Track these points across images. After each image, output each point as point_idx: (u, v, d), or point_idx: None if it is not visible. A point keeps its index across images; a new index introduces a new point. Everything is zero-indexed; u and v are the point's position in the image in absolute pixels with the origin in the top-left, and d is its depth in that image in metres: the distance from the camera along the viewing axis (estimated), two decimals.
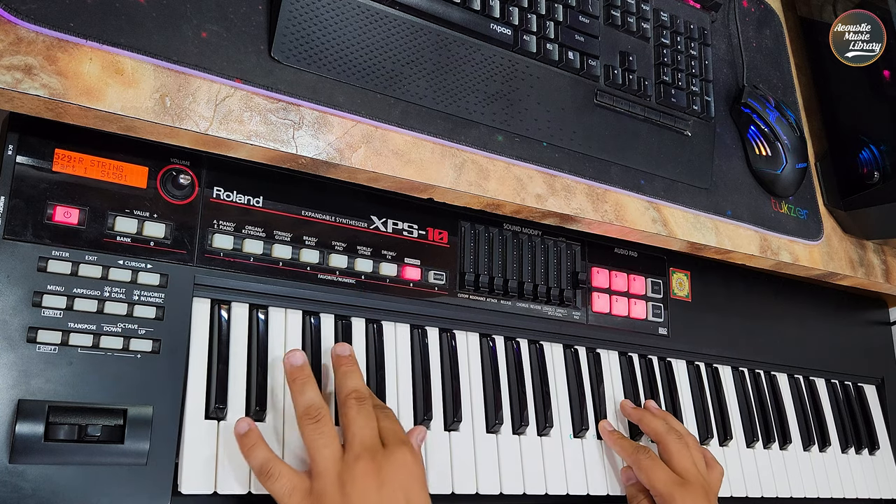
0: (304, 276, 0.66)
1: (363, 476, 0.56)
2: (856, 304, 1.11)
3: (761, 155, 0.87)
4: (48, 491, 0.52)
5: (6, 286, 0.54)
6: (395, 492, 0.56)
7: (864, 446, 1.03)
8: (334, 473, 0.56)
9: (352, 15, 0.63)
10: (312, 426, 0.58)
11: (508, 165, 0.70)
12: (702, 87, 0.83)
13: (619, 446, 0.78)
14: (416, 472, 0.59)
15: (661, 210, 0.79)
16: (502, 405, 0.74)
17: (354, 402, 0.60)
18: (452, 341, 0.73)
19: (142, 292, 0.58)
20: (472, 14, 0.68)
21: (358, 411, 0.60)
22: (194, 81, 0.56)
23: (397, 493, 0.56)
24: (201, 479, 0.57)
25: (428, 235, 0.74)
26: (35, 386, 0.53)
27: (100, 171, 0.59)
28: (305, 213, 0.67)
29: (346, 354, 0.64)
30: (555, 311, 0.80)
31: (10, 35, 0.50)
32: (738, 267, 0.95)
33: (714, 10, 0.87)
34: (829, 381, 1.05)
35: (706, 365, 0.92)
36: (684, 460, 0.74)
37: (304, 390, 0.59)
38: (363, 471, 0.56)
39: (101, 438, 0.54)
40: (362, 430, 0.59)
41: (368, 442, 0.58)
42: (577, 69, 0.74)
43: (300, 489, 0.56)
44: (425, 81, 0.66)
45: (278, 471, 0.56)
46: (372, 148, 0.63)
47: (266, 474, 0.56)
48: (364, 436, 0.58)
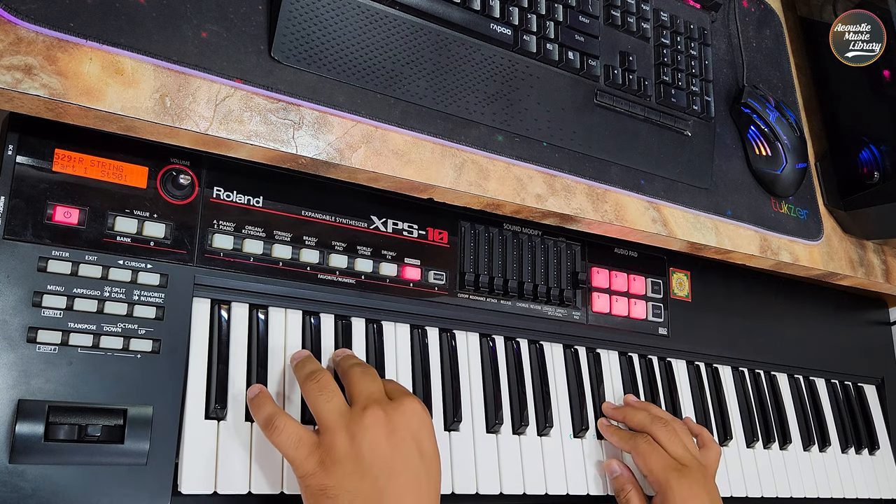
0: (304, 276, 0.66)
1: (373, 425, 0.55)
2: (856, 304, 1.11)
3: (761, 155, 0.87)
4: (48, 491, 0.52)
5: (6, 286, 0.54)
6: (406, 439, 0.56)
7: (864, 446, 1.03)
8: (342, 425, 0.55)
9: (352, 15, 0.63)
10: (313, 384, 0.57)
11: (508, 165, 0.70)
12: (702, 87, 0.83)
13: (616, 437, 0.77)
14: (426, 419, 0.58)
15: (661, 210, 0.79)
16: (502, 405, 0.74)
17: (357, 369, 0.60)
18: (452, 341, 0.73)
19: (142, 292, 0.58)
20: (472, 14, 0.68)
21: (362, 374, 0.59)
22: (194, 81, 0.56)
23: (408, 440, 0.56)
24: (201, 479, 0.57)
25: (428, 235, 0.74)
26: (35, 386, 0.53)
27: (100, 171, 0.59)
28: (305, 213, 0.67)
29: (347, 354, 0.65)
30: (555, 311, 0.80)
31: (10, 35, 0.50)
32: (738, 267, 0.95)
33: (714, 10, 0.87)
34: (829, 381, 1.05)
35: (706, 365, 0.92)
36: (675, 446, 0.74)
37: (306, 364, 0.60)
38: (372, 419, 0.55)
39: (101, 438, 0.54)
40: (368, 386, 0.58)
41: (376, 395, 0.57)
42: (577, 69, 0.74)
43: (307, 442, 0.55)
44: (425, 81, 0.66)
45: (283, 423, 0.55)
46: (372, 148, 0.63)
47: (271, 427, 0.55)
48: (370, 389, 0.58)
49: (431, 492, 0.56)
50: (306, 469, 0.55)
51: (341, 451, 0.54)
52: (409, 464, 0.55)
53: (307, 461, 0.55)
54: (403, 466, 0.55)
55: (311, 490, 0.54)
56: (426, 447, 0.57)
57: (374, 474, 0.54)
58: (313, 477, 0.54)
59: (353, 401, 0.57)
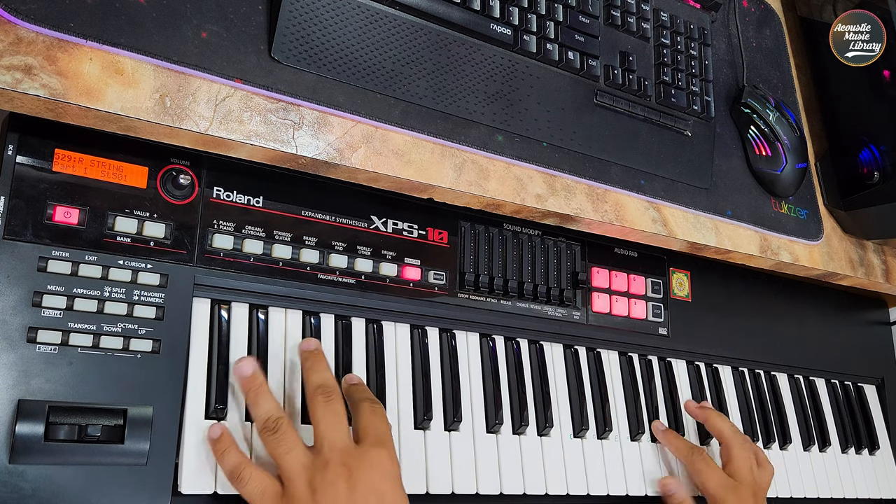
0: (304, 276, 0.66)
1: (334, 481, 0.55)
2: (856, 304, 1.11)
3: (761, 155, 0.87)
4: (48, 491, 0.52)
5: (6, 286, 0.54)
6: (368, 495, 0.55)
7: (864, 446, 1.03)
8: (304, 479, 0.55)
9: (352, 15, 0.63)
10: (272, 437, 0.57)
11: (508, 165, 0.70)
12: (702, 87, 0.83)
13: (673, 446, 0.81)
14: (391, 470, 0.58)
15: (661, 210, 0.79)
16: (502, 405, 0.74)
17: (321, 400, 0.59)
18: (452, 341, 0.73)
19: (142, 292, 0.58)
20: (472, 14, 0.68)
21: (325, 409, 0.58)
22: (194, 81, 0.56)
23: (370, 496, 0.56)
24: (201, 479, 0.57)
25: (428, 235, 0.74)
26: (35, 386, 0.53)
27: (100, 171, 0.59)
28: (305, 213, 0.67)
29: (312, 349, 0.63)
30: (555, 311, 0.80)
31: (10, 35, 0.50)
32: (738, 267, 0.95)
33: (714, 10, 0.87)
34: (829, 381, 1.05)
35: (706, 365, 0.92)
36: (743, 464, 0.78)
37: (258, 402, 0.58)
38: (334, 475, 0.55)
39: (101, 438, 0.54)
40: (330, 430, 0.57)
41: (338, 444, 0.57)
42: (577, 69, 0.74)
43: (271, 492, 0.55)
44: (425, 81, 0.66)
45: (249, 474, 0.56)
46: (372, 148, 0.63)
47: (237, 478, 0.56)
48: (333, 438, 0.57)
49: None
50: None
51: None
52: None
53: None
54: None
55: None
56: (387, 498, 0.57)
57: None
58: None
59: (317, 446, 0.57)
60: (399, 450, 0.66)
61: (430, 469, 0.67)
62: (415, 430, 0.69)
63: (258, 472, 0.56)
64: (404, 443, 0.67)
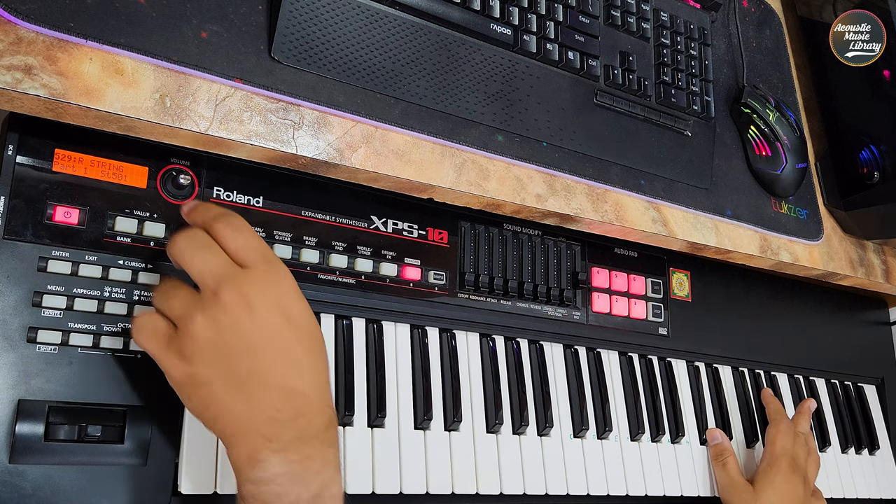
0: (304, 276, 0.66)
1: (230, 307, 0.50)
2: (856, 304, 1.11)
3: (761, 155, 0.87)
4: (48, 491, 0.52)
5: (6, 286, 0.54)
6: (271, 313, 0.51)
7: (864, 446, 1.03)
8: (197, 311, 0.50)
9: (352, 15, 0.63)
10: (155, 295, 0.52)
11: (508, 165, 0.70)
12: (702, 87, 0.83)
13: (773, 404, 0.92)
14: (286, 284, 0.53)
15: (661, 210, 0.79)
16: (502, 405, 0.74)
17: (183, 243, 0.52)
18: (452, 341, 0.73)
19: (142, 292, 0.58)
20: (472, 14, 0.68)
21: (192, 247, 0.52)
22: (194, 81, 0.56)
23: (273, 314, 0.51)
24: (201, 479, 0.57)
25: (428, 235, 0.74)
26: (35, 386, 0.53)
27: (100, 171, 0.59)
28: (305, 213, 0.67)
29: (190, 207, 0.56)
30: (555, 311, 0.80)
31: (10, 35, 0.50)
32: (738, 267, 0.95)
33: (714, 10, 0.87)
34: (829, 381, 1.05)
35: (706, 365, 0.92)
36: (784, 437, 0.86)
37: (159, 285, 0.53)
38: (228, 301, 0.50)
39: (101, 438, 0.54)
40: (207, 262, 0.51)
41: (220, 271, 0.51)
42: (577, 69, 0.74)
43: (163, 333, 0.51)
44: (425, 81, 0.66)
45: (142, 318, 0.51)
46: (372, 148, 0.63)
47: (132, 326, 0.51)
48: (213, 267, 0.51)
49: (311, 357, 0.52)
50: (169, 363, 0.51)
51: (201, 341, 0.49)
52: (277, 337, 0.51)
53: (167, 356, 0.51)
54: (270, 340, 0.50)
55: (178, 381, 0.51)
56: (293, 313, 0.52)
57: (241, 354, 0.50)
58: (178, 369, 0.50)
59: (202, 285, 0.51)
60: (399, 450, 0.67)
61: (429, 469, 0.67)
62: (415, 430, 0.69)
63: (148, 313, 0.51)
64: (404, 443, 0.67)
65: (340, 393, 0.65)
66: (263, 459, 0.49)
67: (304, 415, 0.51)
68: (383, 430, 0.67)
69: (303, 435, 0.50)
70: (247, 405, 0.49)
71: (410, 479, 0.66)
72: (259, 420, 0.49)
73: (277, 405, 0.50)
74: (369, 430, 0.66)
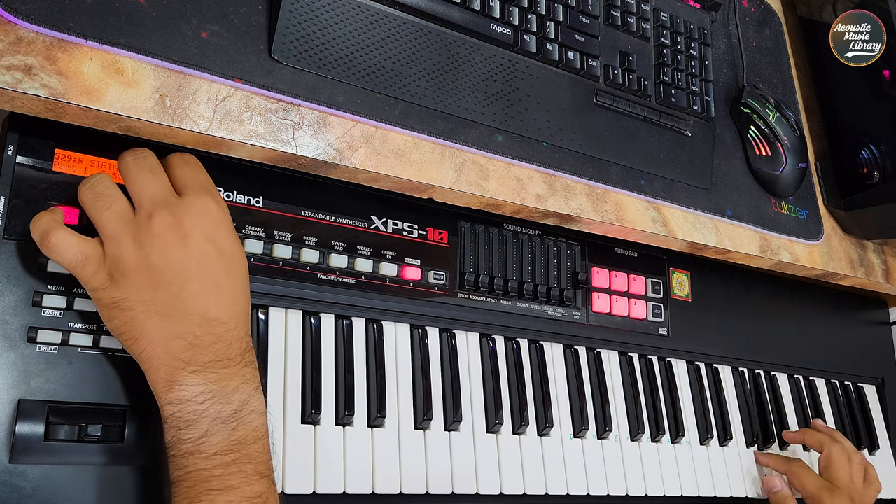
0: (304, 276, 0.66)
1: (162, 232, 0.50)
2: (856, 304, 1.11)
3: (761, 155, 0.87)
4: (48, 491, 0.52)
5: (6, 286, 0.54)
6: (203, 243, 0.52)
7: (864, 446, 1.03)
8: (128, 234, 0.50)
9: (352, 15, 0.63)
10: (88, 191, 0.52)
11: (508, 165, 0.70)
12: (702, 87, 0.83)
13: (773, 462, 0.89)
14: (220, 215, 0.54)
15: (661, 210, 0.79)
16: (502, 405, 0.74)
17: (130, 159, 0.53)
18: (452, 341, 0.73)
19: None
20: (472, 14, 0.68)
21: (138, 166, 0.53)
22: (194, 81, 0.56)
23: (204, 244, 0.52)
24: None
25: (428, 235, 0.74)
26: (35, 386, 0.53)
27: (100, 171, 0.59)
28: (305, 213, 0.67)
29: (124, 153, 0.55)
30: (555, 311, 0.80)
31: (10, 35, 0.50)
32: (738, 267, 0.95)
33: (714, 10, 0.87)
34: (829, 381, 1.05)
35: (706, 365, 0.92)
36: (841, 470, 0.84)
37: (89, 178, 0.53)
38: (161, 226, 0.50)
39: (101, 438, 0.54)
40: (147, 183, 0.52)
41: (160, 195, 0.52)
42: (577, 69, 0.74)
43: (93, 257, 0.50)
44: (425, 81, 0.66)
45: (64, 242, 0.50)
46: (372, 148, 0.63)
47: (48, 246, 0.50)
48: (153, 190, 0.52)
49: (235, 288, 0.53)
50: (94, 284, 0.50)
51: (130, 263, 0.50)
52: (206, 266, 0.51)
53: (94, 278, 0.50)
54: (198, 270, 0.51)
55: (104, 303, 0.51)
56: (224, 245, 0.53)
57: (168, 281, 0.50)
58: (104, 291, 0.50)
59: (137, 205, 0.51)
60: (399, 450, 0.67)
61: (429, 469, 0.67)
62: (415, 430, 0.69)
63: (76, 237, 0.50)
64: (404, 443, 0.67)
65: (341, 393, 0.65)
66: (181, 381, 0.50)
67: (223, 341, 0.51)
68: (383, 431, 0.67)
69: (220, 358, 0.51)
70: (167, 331, 0.50)
71: (410, 479, 0.66)
72: (177, 346, 0.50)
73: (197, 332, 0.51)
74: (369, 430, 0.66)
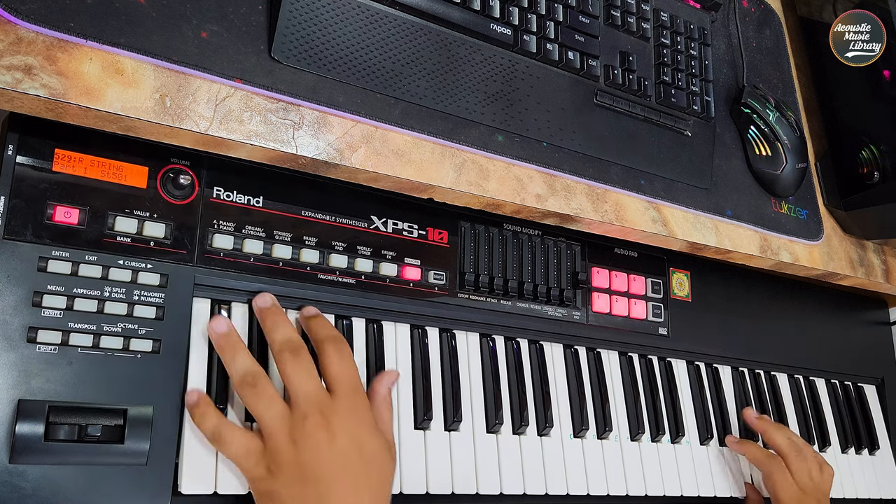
0: (304, 276, 0.66)
1: (313, 432, 0.56)
2: (856, 304, 1.11)
3: (761, 155, 0.87)
4: (48, 491, 0.52)
5: (6, 286, 0.54)
6: (347, 444, 0.56)
7: (864, 446, 1.03)
8: (285, 432, 0.56)
9: (352, 15, 0.63)
10: (250, 391, 0.57)
11: (508, 165, 0.70)
12: (702, 87, 0.83)
13: (751, 454, 0.86)
14: (365, 417, 0.59)
15: (661, 210, 0.79)
16: (502, 405, 0.74)
17: (289, 356, 0.58)
18: (452, 341, 0.73)
19: (142, 292, 0.58)
20: (472, 14, 0.68)
21: (295, 364, 0.58)
22: (194, 81, 0.56)
23: (347, 443, 0.56)
24: (201, 479, 0.57)
25: (428, 235, 0.74)
26: (35, 386, 0.53)
27: (100, 171, 0.59)
28: (305, 213, 0.67)
29: (268, 306, 0.62)
30: (555, 311, 0.80)
31: (10, 35, 0.50)
32: (738, 267, 0.95)
33: (714, 10, 0.87)
34: (829, 381, 1.05)
35: (706, 365, 0.92)
36: (803, 476, 0.83)
37: (236, 357, 0.58)
38: (313, 426, 0.56)
39: (101, 438, 0.54)
40: (303, 384, 0.57)
41: (313, 396, 0.57)
42: (577, 69, 0.74)
43: (255, 451, 0.56)
44: (425, 81, 0.66)
45: (231, 436, 0.56)
46: (372, 148, 0.63)
47: (219, 440, 0.56)
48: (307, 390, 0.57)
49: (374, 489, 0.57)
50: (255, 475, 0.56)
51: (285, 458, 0.55)
52: (349, 466, 0.56)
53: (255, 468, 0.56)
54: (343, 470, 0.56)
55: (260, 493, 0.56)
56: (366, 446, 0.57)
57: (316, 479, 0.55)
58: (262, 482, 0.56)
59: (292, 403, 0.57)
60: (399, 450, 0.67)
61: (429, 469, 0.67)
62: (415, 430, 0.69)
63: (240, 432, 0.56)
64: (404, 443, 0.67)
65: None
66: None
67: None
68: None
69: None
70: None
71: (410, 479, 0.66)
72: None
73: None
74: None
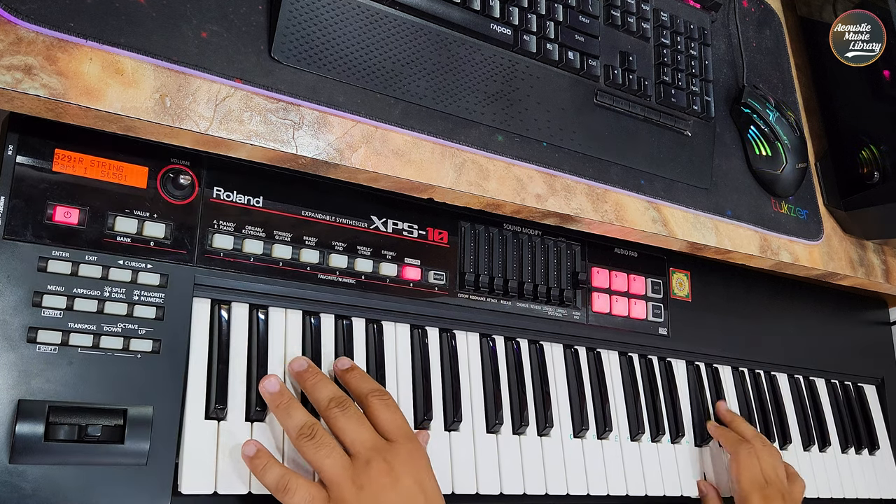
0: (304, 276, 0.66)
1: (378, 476, 0.57)
2: (856, 304, 1.11)
3: (761, 155, 0.87)
4: (48, 491, 0.52)
5: (6, 286, 0.54)
6: (411, 485, 0.58)
7: (864, 446, 1.03)
8: (348, 479, 0.57)
9: (352, 15, 0.63)
10: (309, 443, 0.58)
11: (508, 165, 0.70)
12: (702, 87, 0.83)
13: (724, 438, 0.85)
14: (423, 457, 0.61)
15: (661, 210, 0.79)
16: (502, 405, 0.74)
17: (338, 412, 0.60)
18: (452, 341, 0.73)
19: (142, 292, 0.58)
20: (472, 14, 0.68)
21: (346, 418, 0.60)
22: (194, 81, 0.56)
23: (412, 486, 0.58)
24: (201, 479, 0.57)
25: (428, 235, 0.74)
26: (35, 386, 0.53)
27: (100, 171, 0.59)
28: (305, 213, 0.67)
29: (305, 368, 0.63)
30: (555, 311, 0.80)
31: (10, 35, 0.50)
32: (738, 267, 0.95)
33: (714, 10, 0.87)
34: (829, 381, 1.05)
35: (706, 365, 0.92)
36: (768, 466, 0.81)
37: (291, 414, 0.59)
38: (377, 471, 0.57)
39: (101, 438, 0.54)
40: (360, 434, 0.59)
41: (370, 443, 0.59)
42: (577, 69, 0.74)
43: (319, 498, 0.57)
44: (425, 81, 0.66)
45: (295, 485, 0.57)
46: (372, 148, 0.63)
47: (283, 490, 0.57)
48: (364, 439, 0.59)
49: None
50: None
51: None
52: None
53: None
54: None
55: None
56: (427, 486, 0.60)
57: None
58: None
59: (353, 452, 0.59)
60: None
61: None
62: (415, 430, 0.69)
63: (304, 481, 0.57)
64: None
65: None
66: None
67: None
68: None
69: None
70: None
71: None
72: None
73: None
74: None
